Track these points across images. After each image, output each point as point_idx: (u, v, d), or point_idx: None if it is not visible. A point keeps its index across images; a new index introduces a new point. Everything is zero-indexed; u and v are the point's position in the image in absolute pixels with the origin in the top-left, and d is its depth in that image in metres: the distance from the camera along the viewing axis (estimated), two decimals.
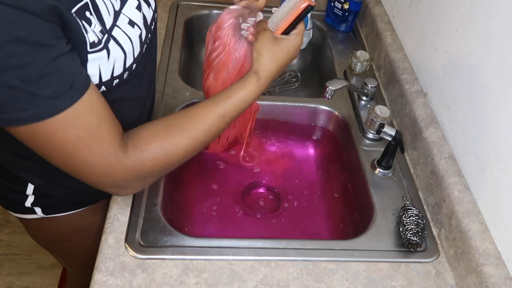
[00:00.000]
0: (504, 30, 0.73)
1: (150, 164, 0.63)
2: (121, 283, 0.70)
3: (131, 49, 0.64)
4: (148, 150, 0.62)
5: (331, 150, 1.11)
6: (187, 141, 0.65)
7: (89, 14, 0.56)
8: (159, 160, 0.63)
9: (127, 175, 0.61)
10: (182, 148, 0.65)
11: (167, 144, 0.63)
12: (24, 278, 1.63)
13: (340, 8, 1.28)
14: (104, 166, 0.59)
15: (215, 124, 0.67)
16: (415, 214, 0.81)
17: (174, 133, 0.64)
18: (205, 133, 0.66)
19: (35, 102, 0.51)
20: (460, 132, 0.85)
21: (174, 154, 0.65)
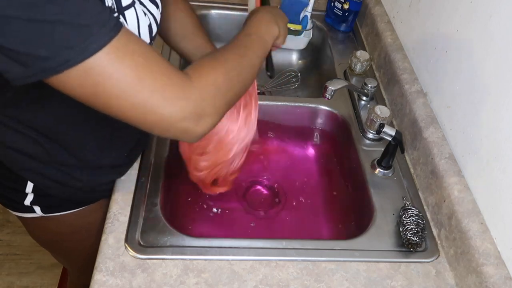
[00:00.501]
0: (504, 30, 0.73)
1: (212, 75, 0.59)
2: (121, 283, 0.70)
3: (146, 31, 0.63)
4: (202, 65, 0.60)
5: (331, 150, 1.11)
6: (233, 54, 0.65)
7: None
8: (218, 71, 0.60)
9: (201, 93, 0.56)
10: (232, 58, 0.64)
11: (218, 58, 0.63)
12: (24, 278, 1.63)
13: (340, 8, 1.28)
14: (173, 88, 0.53)
15: (247, 42, 0.70)
16: (415, 214, 0.81)
17: (220, 53, 0.64)
18: (244, 49, 0.68)
19: (82, 35, 0.46)
20: (460, 132, 0.85)
21: (230, 65, 0.63)
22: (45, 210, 0.83)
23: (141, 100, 0.52)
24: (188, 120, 0.56)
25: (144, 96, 0.51)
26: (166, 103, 0.53)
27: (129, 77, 0.50)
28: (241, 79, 0.65)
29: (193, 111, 0.55)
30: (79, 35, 0.46)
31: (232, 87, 0.63)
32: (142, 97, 0.51)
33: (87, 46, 0.47)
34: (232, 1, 1.35)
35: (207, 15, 1.32)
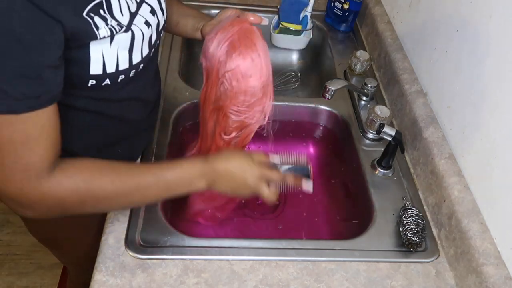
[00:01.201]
0: (504, 30, 0.73)
1: (67, 193, 0.61)
2: (121, 283, 0.70)
3: (140, 45, 0.65)
4: (73, 178, 0.61)
5: (331, 150, 1.11)
6: (113, 187, 0.63)
7: (103, 12, 0.58)
8: (77, 193, 0.61)
9: (38, 196, 0.59)
10: (105, 192, 0.63)
11: (94, 182, 0.62)
12: (24, 278, 1.63)
13: (340, 8, 1.28)
14: (21, 178, 0.57)
15: (147, 184, 0.66)
16: (415, 214, 0.81)
17: (106, 174, 0.63)
18: (134, 188, 0.65)
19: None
20: (460, 132, 0.85)
21: (94, 194, 0.63)
22: None
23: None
24: (12, 203, 0.60)
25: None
26: (4, 184, 0.57)
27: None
28: (105, 206, 0.68)
29: (20, 202, 0.60)
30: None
31: (82, 206, 0.64)
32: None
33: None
34: (232, 1, 1.35)
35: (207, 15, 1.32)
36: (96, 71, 0.61)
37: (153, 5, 0.69)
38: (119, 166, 0.65)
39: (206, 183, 0.70)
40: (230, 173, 0.71)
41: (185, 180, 0.69)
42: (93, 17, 0.56)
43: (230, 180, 0.71)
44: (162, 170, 0.68)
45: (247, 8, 1.34)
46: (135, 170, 0.67)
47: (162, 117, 0.98)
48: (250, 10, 1.34)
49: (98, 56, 0.60)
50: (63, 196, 0.61)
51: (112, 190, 0.64)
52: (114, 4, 0.61)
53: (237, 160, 0.71)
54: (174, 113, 1.00)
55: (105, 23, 0.58)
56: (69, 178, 0.60)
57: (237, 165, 0.71)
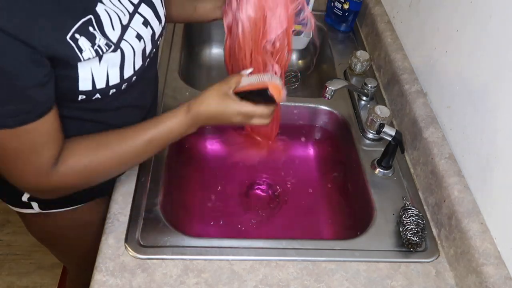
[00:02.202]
0: (504, 30, 0.73)
1: (73, 179, 0.66)
2: (121, 283, 0.70)
3: (131, 61, 0.65)
4: (75, 167, 0.65)
5: (331, 150, 1.11)
6: (112, 160, 0.69)
7: (93, 29, 0.58)
8: (82, 176, 0.67)
9: (49, 188, 0.66)
10: (106, 166, 0.68)
11: (93, 160, 0.67)
12: (24, 278, 1.63)
13: (340, 8, 1.28)
14: (34, 177, 0.63)
15: (140, 147, 0.70)
16: (415, 214, 0.81)
17: (102, 154, 0.68)
18: (130, 155, 0.70)
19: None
20: (460, 132, 0.85)
21: (97, 172, 0.68)
22: (43, 206, 0.83)
23: (6, 168, 0.62)
24: (31, 192, 0.72)
25: (8, 168, 0.62)
26: (19, 180, 0.64)
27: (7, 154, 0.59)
28: (112, 174, 0.74)
29: (37, 193, 0.69)
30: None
31: (90, 182, 0.71)
32: (7, 167, 0.62)
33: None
34: None
35: None
36: (85, 87, 0.61)
37: (146, 16, 0.68)
38: (110, 140, 0.69)
39: (195, 128, 0.73)
40: (213, 117, 0.72)
41: (173, 134, 0.72)
42: (77, 39, 0.56)
43: (217, 121, 0.73)
44: (149, 132, 0.70)
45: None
46: (124, 140, 0.70)
47: None
48: None
49: (87, 75, 0.60)
50: (71, 182, 0.67)
51: (110, 163, 0.69)
52: (105, 19, 0.60)
53: (216, 103, 0.72)
54: None
55: (92, 43, 0.58)
56: (71, 168, 0.65)
57: (218, 108, 0.72)
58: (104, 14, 0.60)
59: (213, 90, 0.72)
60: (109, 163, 0.69)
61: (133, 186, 0.84)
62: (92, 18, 0.58)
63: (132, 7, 0.66)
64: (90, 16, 0.58)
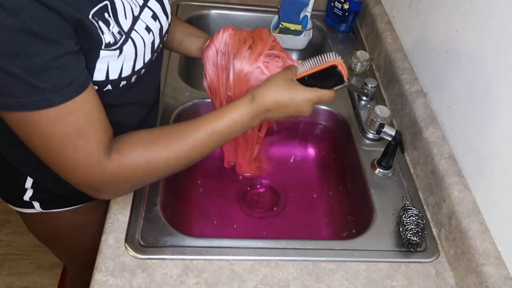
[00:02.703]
0: (504, 30, 0.73)
1: (130, 171, 0.63)
2: (121, 283, 0.70)
3: (142, 53, 0.65)
4: (130, 156, 0.62)
5: (331, 150, 1.11)
6: (170, 153, 0.65)
7: (108, 16, 0.58)
8: (140, 168, 0.64)
9: (105, 179, 0.62)
10: (164, 159, 0.65)
11: (150, 153, 0.64)
12: (24, 278, 1.63)
13: (340, 8, 1.28)
14: (85, 166, 0.59)
15: (202, 141, 0.66)
16: (415, 214, 0.81)
17: (159, 144, 0.64)
18: (190, 148, 0.66)
19: (30, 93, 0.51)
20: (460, 132, 0.85)
21: (155, 165, 0.65)
22: (44, 206, 0.83)
23: (57, 161, 0.60)
24: (88, 189, 0.64)
25: (59, 159, 0.59)
26: (72, 173, 0.61)
27: (54, 141, 0.57)
28: (170, 170, 0.68)
29: (93, 187, 0.63)
30: (26, 91, 0.51)
31: (150, 177, 0.67)
32: (57, 158, 0.59)
33: (27, 102, 0.52)
34: (232, 1, 1.35)
35: (207, 15, 1.32)
36: (98, 78, 0.61)
37: (155, 10, 0.69)
38: (169, 132, 0.67)
39: (259, 121, 0.70)
40: (282, 107, 0.69)
41: (237, 127, 0.68)
42: (97, 20, 0.56)
43: (283, 112, 0.70)
44: (212, 124, 0.67)
45: (247, 8, 1.34)
46: (186, 131, 0.67)
47: (162, 117, 0.98)
48: (250, 10, 1.35)
49: (103, 66, 0.60)
50: (127, 175, 0.63)
51: (169, 155, 0.65)
52: (119, 7, 0.60)
53: (284, 92, 0.69)
54: (174, 113, 1.00)
55: (108, 29, 0.58)
56: (126, 157, 0.62)
57: (285, 95, 0.69)
58: (119, 2, 0.60)
59: (279, 78, 0.70)
60: (168, 156, 0.65)
61: None
62: (108, 4, 0.58)
63: (142, 1, 0.66)
64: (106, 2, 0.58)
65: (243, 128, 0.69)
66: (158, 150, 0.64)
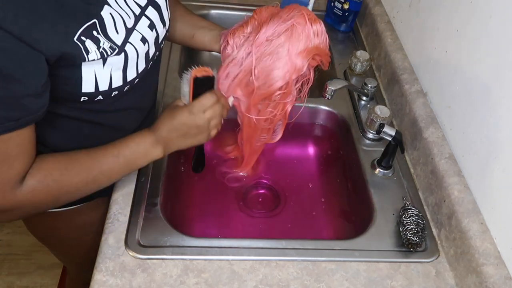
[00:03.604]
0: (504, 30, 0.73)
1: (42, 196, 0.64)
2: (121, 283, 0.70)
3: (135, 63, 0.65)
4: (44, 182, 0.63)
5: (331, 150, 1.11)
6: (81, 178, 0.67)
7: (97, 33, 0.58)
8: (51, 194, 0.65)
9: (14, 204, 0.62)
10: (74, 184, 0.66)
11: (63, 179, 0.65)
12: (24, 278, 1.63)
13: (340, 8, 1.28)
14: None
15: (109, 165, 0.68)
16: (415, 214, 0.81)
17: (71, 169, 0.66)
18: (98, 173, 0.68)
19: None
20: (460, 132, 0.85)
21: (66, 190, 0.66)
22: None
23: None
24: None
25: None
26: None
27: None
28: (80, 194, 0.70)
29: (3, 212, 0.62)
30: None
31: (58, 201, 0.68)
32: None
33: None
34: (232, 1, 1.35)
35: (207, 15, 1.32)
36: (88, 89, 0.61)
37: (152, 19, 0.68)
38: (81, 156, 0.68)
39: (161, 149, 0.72)
40: (172, 129, 0.71)
41: (140, 152, 0.71)
42: (84, 41, 0.56)
43: (177, 133, 0.72)
44: (118, 148, 0.69)
45: (247, 8, 1.34)
46: (95, 156, 0.68)
47: None
48: (250, 11, 1.35)
49: (91, 77, 0.60)
50: (38, 200, 0.64)
51: (80, 180, 0.67)
52: (108, 23, 0.60)
53: (165, 114, 0.72)
54: None
55: (97, 46, 0.58)
56: (40, 183, 0.63)
57: (168, 118, 0.71)
58: (108, 18, 0.60)
59: (166, 108, 0.73)
60: (79, 180, 0.67)
61: (133, 186, 0.84)
62: (96, 22, 0.58)
63: (139, 10, 0.66)
64: (94, 20, 0.58)
65: (146, 156, 0.71)
66: (71, 175, 0.66)
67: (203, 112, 0.71)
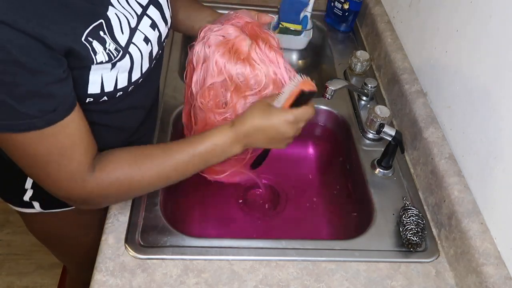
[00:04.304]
0: (504, 30, 0.73)
1: (112, 189, 0.65)
2: (121, 283, 0.70)
3: (139, 64, 0.65)
4: (113, 174, 0.64)
5: (331, 150, 1.11)
6: (153, 173, 0.67)
7: (103, 34, 0.58)
8: (122, 186, 0.66)
9: (86, 195, 0.64)
10: (146, 178, 0.67)
11: (133, 172, 0.66)
12: (24, 278, 1.63)
13: (340, 8, 1.28)
14: (67, 183, 0.62)
15: (184, 162, 0.68)
16: (415, 214, 0.81)
17: (142, 162, 0.66)
18: (172, 169, 0.68)
19: (15, 117, 0.53)
20: (460, 132, 0.85)
21: (137, 184, 0.67)
22: (44, 206, 0.83)
23: (40, 176, 0.62)
24: (67, 201, 0.67)
25: (42, 175, 0.62)
26: (54, 188, 0.63)
27: (37, 160, 0.59)
28: (151, 189, 0.71)
29: (73, 200, 0.66)
30: (12, 116, 0.53)
31: (130, 194, 0.70)
32: (40, 175, 0.62)
33: (12, 125, 0.54)
34: (232, 1, 1.35)
35: None
36: (94, 91, 0.61)
37: (154, 18, 0.68)
38: (153, 152, 0.68)
39: (240, 146, 0.70)
40: (259, 128, 0.69)
41: (218, 150, 0.69)
42: (91, 41, 0.56)
43: (265, 136, 0.70)
44: (194, 146, 0.68)
45: (247, 8, 1.34)
46: (168, 152, 0.68)
47: (162, 117, 0.98)
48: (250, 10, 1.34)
49: (97, 79, 0.60)
50: (109, 192, 0.65)
51: (152, 175, 0.67)
52: (115, 23, 0.60)
53: (259, 114, 0.69)
54: (174, 113, 1.00)
55: (103, 47, 0.58)
56: (110, 175, 0.64)
57: (260, 119, 0.69)
58: (114, 18, 0.60)
59: (256, 104, 0.71)
60: (151, 175, 0.67)
61: None
62: (103, 22, 0.58)
63: (140, 9, 0.66)
64: (101, 20, 0.58)
65: (224, 153, 0.70)
66: (142, 169, 0.66)
67: (297, 123, 0.71)
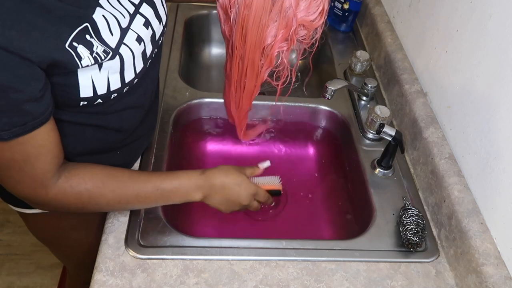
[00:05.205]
0: (504, 30, 0.73)
1: (71, 200, 0.66)
2: (121, 283, 0.70)
3: (131, 65, 0.65)
4: (77, 188, 0.65)
5: (331, 150, 1.11)
6: (114, 196, 0.69)
7: (90, 37, 0.57)
8: (81, 200, 0.67)
9: (46, 201, 0.65)
10: (107, 199, 0.68)
11: (96, 191, 0.67)
12: (24, 278, 1.63)
13: (340, 8, 1.28)
14: (27, 187, 0.62)
15: (147, 193, 0.71)
16: (415, 214, 0.81)
17: (106, 182, 0.68)
18: (133, 196, 0.70)
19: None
20: (460, 132, 0.85)
21: (96, 201, 0.68)
22: None
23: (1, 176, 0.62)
24: (29, 202, 0.67)
25: (3, 176, 0.62)
26: (14, 189, 0.64)
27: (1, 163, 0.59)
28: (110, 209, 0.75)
29: (32, 202, 0.66)
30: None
31: (86, 209, 0.70)
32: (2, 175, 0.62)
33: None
34: None
35: (207, 15, 1.32)
36: (86, 94, 0.61)
37: (147, 16, 0.67)
38: (121, 175, 0.70)
39: (201, 195, 0.75)
40: (226, 188, 0.75)
41: (181, 191, 0.73)
42: (76, 47, 0.56)
43: (225, 195, 0.76)
44: (161, 180, 0.72)
45: None
46: (136, 180, 0.71)
47: (162, 117, 0.98)
48: None
49: (87, 82, 0.60)
50: (67, 202, 0.66)
51: (113, 198, 0.69)
52: (102, 25, 0.59)
53: (233, 176, 0.76)
54: (174, 113, 1.00)
55: (90, 51, 0.57)
56: (73, 188, 0.65)
57: (233, 180, 0.76)
58: (101, 20, 0.59)
59: (231, 166, 0.77)
60: (111, 196, 0.68)
61: None
62: (88, 26, 0.57)
63: (133, 8, 0.65)
64: (86, 24, 0.57)
65: (185, 196, 0.74)
66: (105, 190, 0.67)
67: (254, 200, 0.79)
